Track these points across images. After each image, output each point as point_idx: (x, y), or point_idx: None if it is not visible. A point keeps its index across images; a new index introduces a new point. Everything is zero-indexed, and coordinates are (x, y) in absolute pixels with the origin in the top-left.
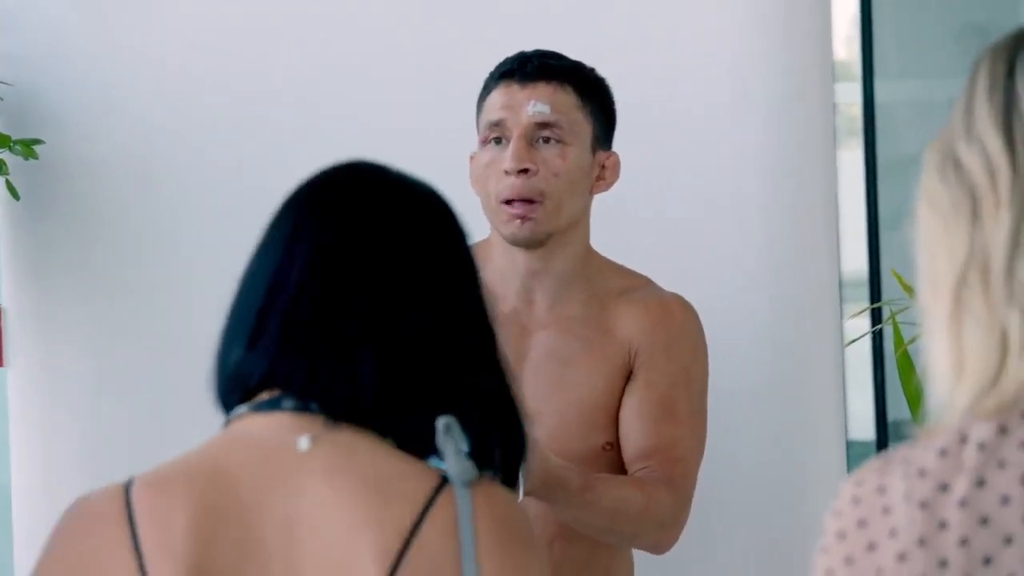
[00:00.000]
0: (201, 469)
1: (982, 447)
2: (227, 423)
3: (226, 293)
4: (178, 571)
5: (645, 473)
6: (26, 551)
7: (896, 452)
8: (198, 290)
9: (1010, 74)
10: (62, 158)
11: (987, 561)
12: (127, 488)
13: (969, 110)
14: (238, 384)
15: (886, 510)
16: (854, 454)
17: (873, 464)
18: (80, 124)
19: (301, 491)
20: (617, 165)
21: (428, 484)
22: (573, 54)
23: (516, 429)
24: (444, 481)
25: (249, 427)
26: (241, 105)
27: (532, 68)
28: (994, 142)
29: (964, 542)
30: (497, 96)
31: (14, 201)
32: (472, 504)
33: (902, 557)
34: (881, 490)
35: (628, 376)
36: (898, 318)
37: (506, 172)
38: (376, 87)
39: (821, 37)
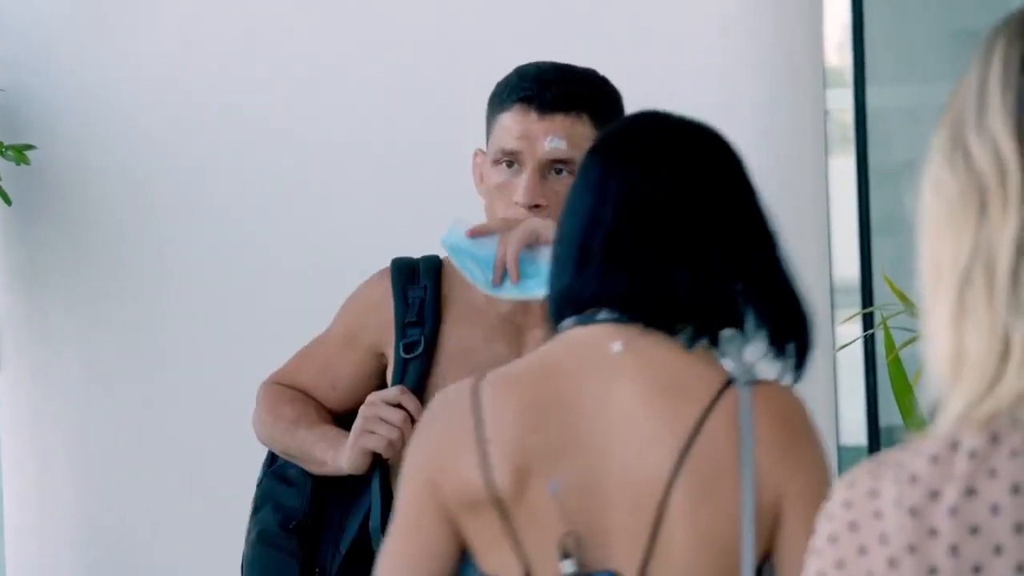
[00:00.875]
0: (531, 370)
1: (973, 455)
2: (558, 334)
3: (217, 296)
4: (510, 455)
5: None
6: (17, 552)
7: (888, 455)
8: (189, 294)
9: (1022, 72)
10: (53, 163)
11: (977, 570)
12: (477, 383)
13: (982, 98)
14: (569, 304)
15: (877, 514)
16: (846, 459)
17: (865, 467)
18: (72, 130)
19: (611, 388)
20: None
21: (716, 384)
22: (563, 59)
23: (803, 325)
24: (730, 382)
25: (573, 336)
26: (232, 111)
27: (551, 97)
28: (1007, 142)
29: (954, 550)
30: (513, 121)
31: (6, 206)
32: (753, 402)
33: (892, 563)
34: (872, 494)
35: None
36: (890, 323)
37: (517, 203)
38: (369, 92)
39: (812, 43)
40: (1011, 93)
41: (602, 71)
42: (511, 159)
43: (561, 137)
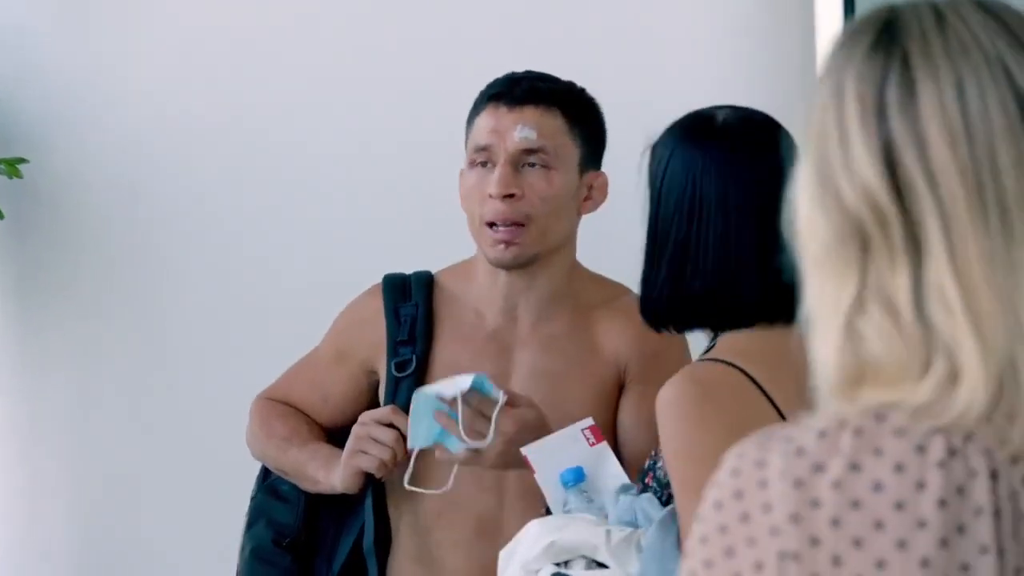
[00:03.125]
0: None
1: (859, 432)
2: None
3: (213, 310)
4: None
5: None
6: (8, 572)
7: (779, 429)
8: (184, 308)
9: (881, 114)
10: (46, 177)
11: (858, 543)
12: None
13: (844, 139)
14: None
15: (762, 484)
16: None
17: (755, 438)
18: (64, 143)
19: None
20: (605, 185)
21: None
22: (553, 69)
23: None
24: None
25: None
26: (226, 123)
27: (520, 91)
28: (879, 188)
29: (835, 522)
30: (485, 119)
31: None
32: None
33: (774, 531)
34: (760, 464)
35: (620, 391)
36: None
37: (491, 196)
38: (367, 102)
39: (805, 52)
40: (875, 139)
41: (597, 75)
42: (484, 155)
43: (531, 127)
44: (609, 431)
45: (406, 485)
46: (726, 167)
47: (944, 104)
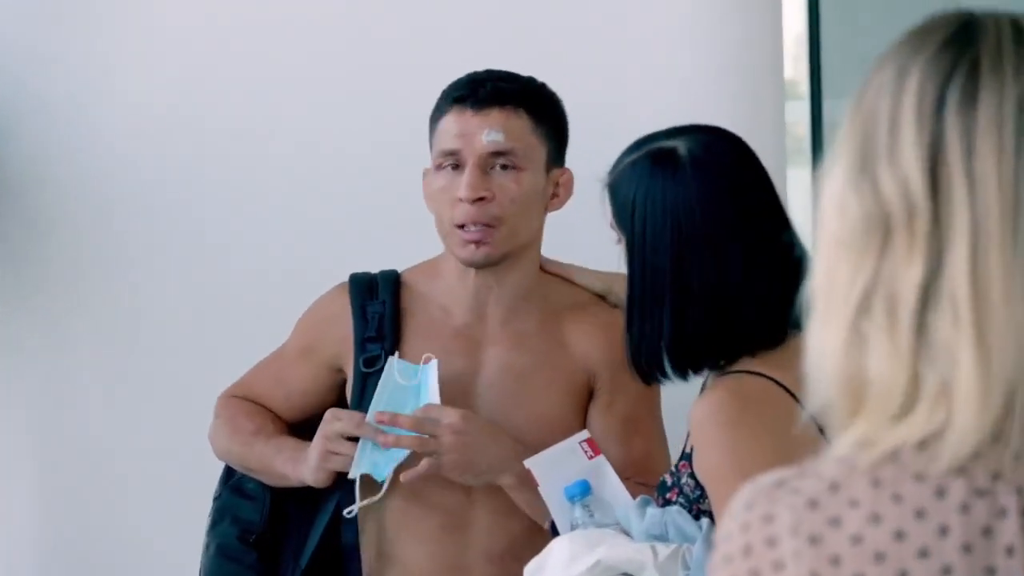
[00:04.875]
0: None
1: (876, 483)
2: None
3: (182, 308)
4: None
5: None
6: None
7: (787, 477)
8: (154, 298)
9: (939, 110)
10: (15, 167)
11: None
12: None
13: (895, 130)
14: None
15: (770, 542)
16: None
17: (764, 488)
18: (31, 141)
19: None
20: (571, 182)
21: None
22: (518, 69)
23: None
24: None
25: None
26: (195, 121)
27: (485, 93)
28: (918, 182)
29: None
30: (450, 122)
31: None
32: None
33: None
34: (767, 519)
35: (589, 395)
36: None
37: (461, 200)
38: (329, 101)
39: (773, 54)
40: (926, 131)
41: (564, 77)
42: (452, 159)
43: (498, 130)
44: (572, 431)
45: (344, 513)
46: (709, 198)
47: (1003, 116)
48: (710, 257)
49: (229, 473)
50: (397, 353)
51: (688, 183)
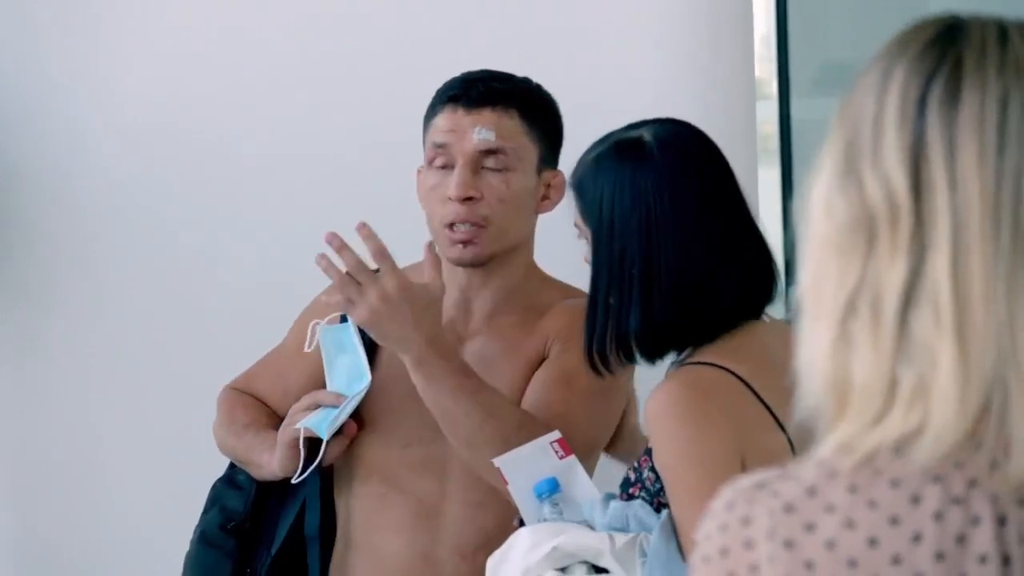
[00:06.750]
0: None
1: (852, 489)
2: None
3: (152, 308)
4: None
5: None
6: None
7: (766, 479)
8: (125, 300)
9: (921, 109)
10: None
11: None
12: (721, 369)
13: (878, 130)
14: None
15: (747, 544)
16: None
17: (743, 489)
18: (4, 145)
19: None
20: (562, 184)
21: None
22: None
23: None
24: None
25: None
26: (170, 122)
27: (478, 93)
28: (900, 181)
29: None
30: (443, 119)
31: None
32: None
33: None
34: (745, 521)
35: (541, 362)
36: None
37: (450, 199)
38: (319, 101)
39: (742, 56)
40: (908, 133)
41: (535, 79)
42: (443, 158)
43: (490, 129)
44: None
45: (292, 481)
46: (677, 182)
47: (984, 115)
48: (678, 241)
49: (232, 467)
50: (320, 323)
51: (658, 167)
